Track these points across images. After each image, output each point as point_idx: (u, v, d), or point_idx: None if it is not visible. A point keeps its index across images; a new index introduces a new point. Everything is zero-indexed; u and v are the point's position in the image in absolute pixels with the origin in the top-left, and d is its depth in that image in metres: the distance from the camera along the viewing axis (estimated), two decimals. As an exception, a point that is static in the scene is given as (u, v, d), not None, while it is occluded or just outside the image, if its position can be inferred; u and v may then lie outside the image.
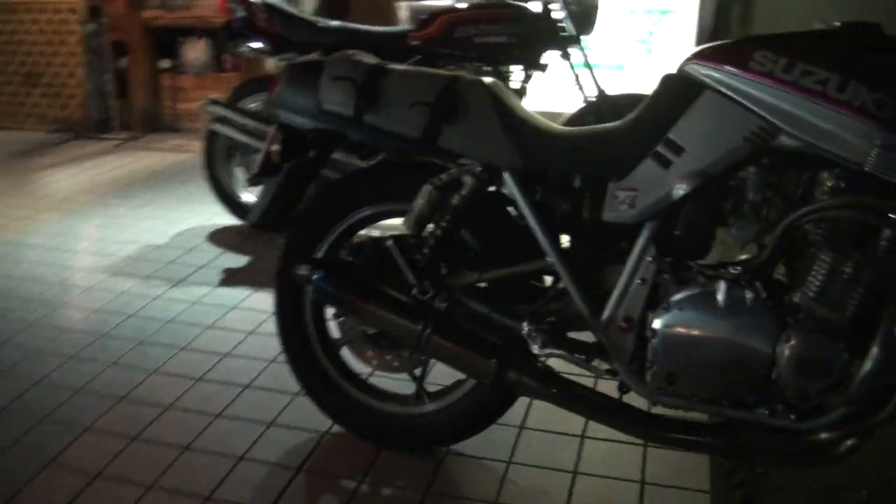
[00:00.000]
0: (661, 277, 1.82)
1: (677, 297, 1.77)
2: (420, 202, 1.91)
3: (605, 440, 2.21)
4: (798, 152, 1.68)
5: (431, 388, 2.17)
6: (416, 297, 1.94)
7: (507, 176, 1.88)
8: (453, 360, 1.94)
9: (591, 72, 3.67)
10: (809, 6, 4.78)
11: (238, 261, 3.56)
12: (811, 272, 1.67)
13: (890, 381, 1.63)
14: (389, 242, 1.95)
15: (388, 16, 6.96)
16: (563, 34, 3.65)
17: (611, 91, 3.69)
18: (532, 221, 1.87)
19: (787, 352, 1.67)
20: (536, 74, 3.74)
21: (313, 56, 1.96)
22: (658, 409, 1.87)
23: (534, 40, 3.62)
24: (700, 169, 1.73)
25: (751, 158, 1.72)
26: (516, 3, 3.66)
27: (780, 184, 1.75)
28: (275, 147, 2.00)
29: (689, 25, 4.76)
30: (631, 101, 3.77)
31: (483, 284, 2.00)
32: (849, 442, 1.74)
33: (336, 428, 2.27)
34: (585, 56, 3.68)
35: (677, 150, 1.75)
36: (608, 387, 1.92)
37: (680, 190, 1.75)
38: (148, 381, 2.54)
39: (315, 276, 1.98)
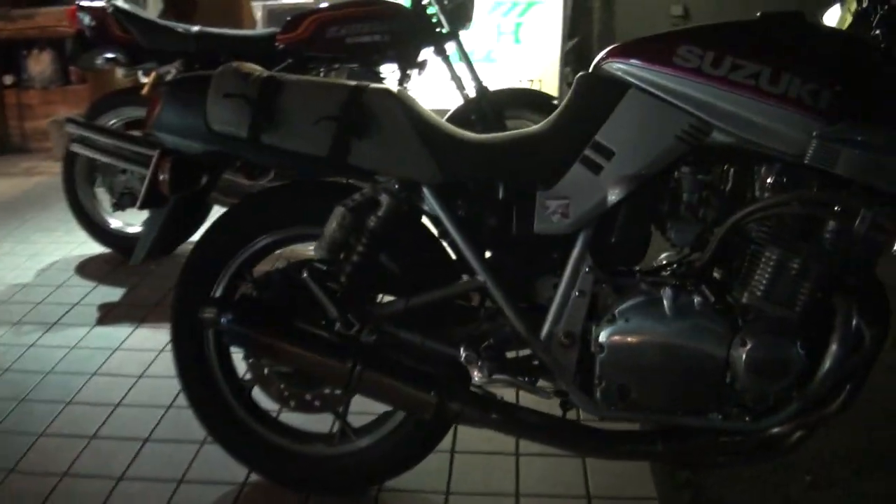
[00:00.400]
0: (599, 287, 1.74)
1: (622, 307, 1.69)
2: (332, 226, 1.75)
3: (541, 455, 2.13)
4: (732, 148, 1.63)
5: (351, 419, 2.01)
6: (339, 332, 1.78)
7: (426, 191, 1.75)
8: (388, 396, 1.79)
9: (471, 67, 3.57)
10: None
11: (113, 294, 3.26)
12: (757, 270, 1.63)
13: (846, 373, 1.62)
14: (304, 273, 1.77)
15: (236, 17, 6.65)
16: (439, 30, 3.53)
17: (490, 86, 3.60)
18: (458, 238, 1.75)
19: (743, 355, 1.62)
20: (414, 73, 3.60)
21: (199, 72, 1.76)
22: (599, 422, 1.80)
23: (409, 38, 3.47)
24: (633, 172, 1.66)
25: (684, 157, 1.66)
26: (387, 0, 3.51)
27: (715, 182, 1.71)
28: (163, 176, 1.78)
29: (556, 15, 4.75)
30: (513, 95, 3.76)
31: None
32: (799, 433, 1.72)
33: (254, 477, 2.07)
34: (464, 51, 3.58)
35: (607, 153, 1.67)
36: (549, 404, 1.82)
37: (614, 195, 1.67)
38: (36, 445, 2.25)
39: (224, 319, 1.78)
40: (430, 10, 3.51)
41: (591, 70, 1.76)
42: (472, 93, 3.58)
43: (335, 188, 1.88)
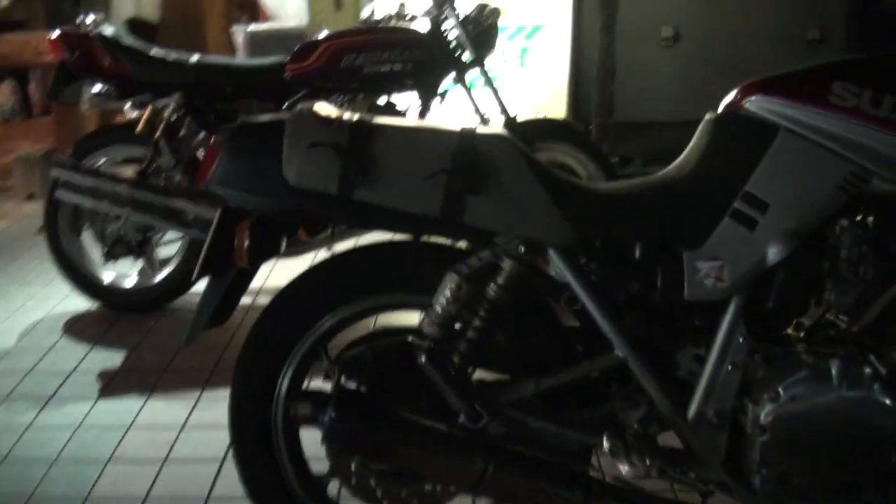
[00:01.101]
0: (753, 359, 1.50)
1: (786, 382, 1.45)
2: (445, 297, 1.48)
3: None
4: (892, 198, 1.42)
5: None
6: (463, 424, 1.50)
7: (553, 254, 1.48)
8: (524, 498, 1.51)
9: (498, 96, 3.33)
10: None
11: (113, 358, 2.88)
12: None
13: None
14: (421, 358, 1.48)
15: (201, 42, 6.31)
16: (462, 58, 3.28)
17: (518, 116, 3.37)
18: (592, 307, 1.48)
19: None
20: (434, 104, 3.34)
21: (270, 115, 1.50)
22: None
23: (430, 66, 3.20)
24: (793, 227, 1.43)
25: (843, 209, 1.45)
26: (406, 27, 3.24)
27: (875, 236, 1.49)
28: (244, 243, 1.48)
29: (563, 39, 4.55)
30: (541, 126, 3.52)
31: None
32: None
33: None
34: (489, 80, 3.33)
35: (761, 206, 1.44)
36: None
37: (774, 254, 1.43)
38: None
39: (325, 417, 1.48)
40: (450, 37, 3.26)
41: (724, 109, 1.54)
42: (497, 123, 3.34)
43: (431, 249, 1.62)
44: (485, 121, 3.36)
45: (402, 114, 3.25)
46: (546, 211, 1.45)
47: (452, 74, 3.29)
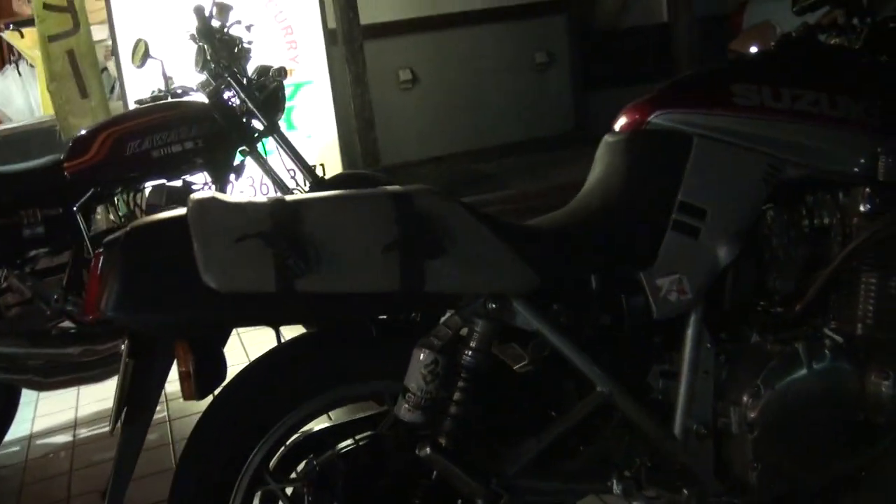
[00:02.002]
0: (721, 363, 1.51)
1: (762, 375, 1.47)
2: (422, 375, 1.33)
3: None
4: (804, 180, 1.52)
5: None
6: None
7: (517, 305, 1.39)
8: None
9: (299, 158, 3.17)
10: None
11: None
12: (861, 300, 1.52)
13: None
14: (426, 450, 1.31)
15: None
16: (252, 126, 3.08)
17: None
18: (568, 350, 1.41)
19: (886, 386, 1.48)
20: (231, 179, 3.09)
21: (160, 214, 1.22)
22: None
23: (221, 139, 2.97)
24: (734, 226, 1.47)
25: (768, 199, 1.52)
26: (187, 101, 2.98)
27: (797, 219, 1.58)
28: (189, 372, 1.22)
29: (326, 95, 4.47)
30: (353, 179, 3.39)
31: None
32: None
33: None
34: (288, 142, 3.16)
35: (699, 213, 1.47)
36: None
37: (725, 256, 1.46)
38: None
39: None
40: (234, 104, 3.04)
41: (627, 129, 1.56)
42: (302, 186, 3.17)
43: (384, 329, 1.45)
44: (286, 188, 3.18)
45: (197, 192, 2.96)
46: (507, 261, 1.35)
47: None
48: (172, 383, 1.30)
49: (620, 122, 1.59)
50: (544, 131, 6.02)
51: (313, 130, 4.37)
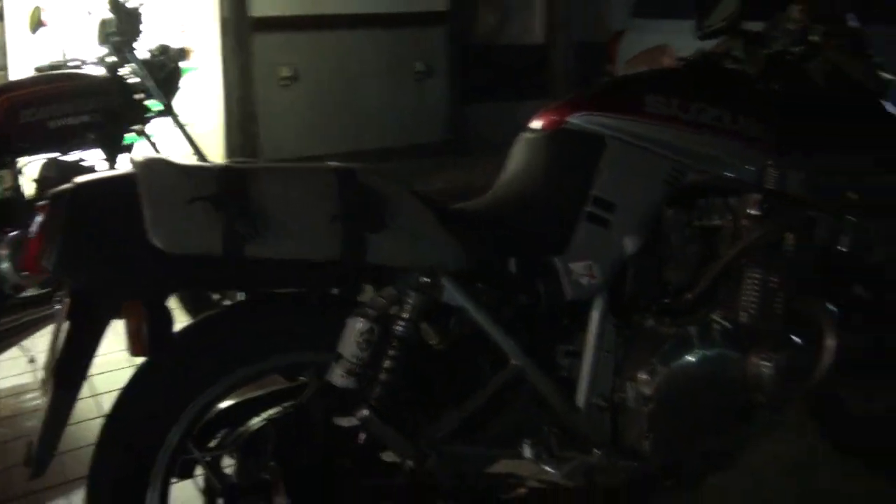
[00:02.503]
0: (622, 343, 1.68)
1: (658, 355, 1.65)
2: (356, 343, 1.41)
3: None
4: (702, 185, 1.72)
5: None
6: (410, 471, 1.42)
7: (446, 282, 1.50)
8: None
9: (191, 140, 3.14)
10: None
11: None
12: (745, 292, 1.73)
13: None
14: (363, 411, 1.38)
15: None
16: (146, 104, 3.02)
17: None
18: (487, 326, 1.53)
19: (765, 368, 1.70)
20: (122, 158, 3.02)
21: (108, 171, 1.19)
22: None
23: (118, 116, 2.91)
24: (639, 220, 1.66)
25: (667, 200, 1.70)
26: (87, 73, 2.90)
27: (693, 219, 1.77)
28: (142, 327, 1.24)
29: (215, 81, 4.41)
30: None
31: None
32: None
33: None
34: (181, 124, 3.12)
35: (609, 206, 1.64)
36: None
37: (631, 246, 1.64)
38: None
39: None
40: (129, 81, 2.98)
41: (546, 128, 1.71)
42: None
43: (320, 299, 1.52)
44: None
45: (92, 170, 2.89)
46: (440, 240, 1.46)
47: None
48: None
49: (539, 120, 1.73)
50: (421, 139, 6.16)
51: (195, 118, 4.29)
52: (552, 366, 1.65)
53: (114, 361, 2.01)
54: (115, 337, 1.34)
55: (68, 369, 1.31)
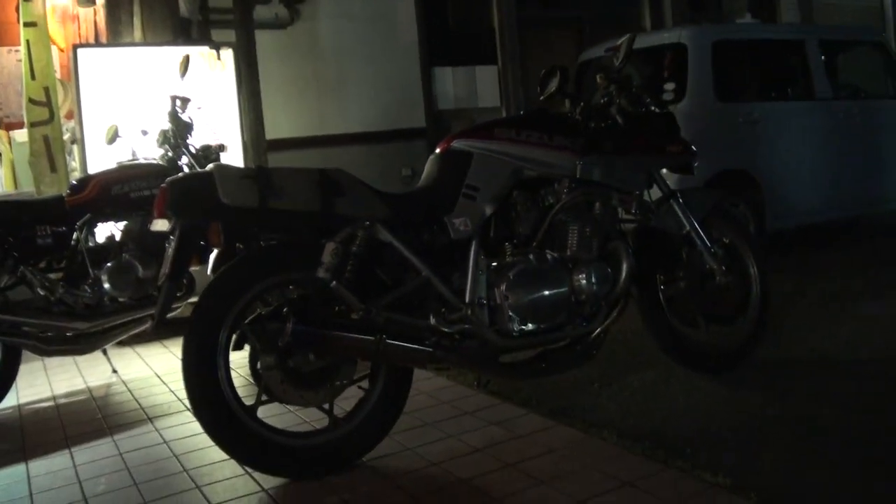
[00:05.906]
0: (489, 267, 2.83)
1: (512, 272, 2.80)
2: (330, 254, 2.58)
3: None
4: (535, 177, 2.94)
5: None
6: (363, 317, 2.58)
7: (381, 227, 2.69)
8: (404, 356, 2.65)
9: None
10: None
11: None
12: (570, 237, 2.91)
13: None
14: (333, 284, 2.55)
15: None
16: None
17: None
18: (406, 252, 2.71)
19: (583, 279, 2.85)
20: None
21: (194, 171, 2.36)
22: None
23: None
24: (492, 196, 2.85)
25: (512, 187, 2.91)
26: (152, 162, 4.20)
27: (530, 196, 2.97)
28: (221, 234, 2.47)
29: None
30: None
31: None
32: (602, 333, 2.98)
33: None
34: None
35: (475, 188, 2.84)
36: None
37: (488, 210, 2.83)
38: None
39: (291, 324, 2.48)
40: (185, 169, 4.27)
41: (442, 150, 2.94)
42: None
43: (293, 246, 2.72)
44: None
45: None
46: (377, 202, 2.67)
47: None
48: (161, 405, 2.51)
49: (438, 147, 2.96)
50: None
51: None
52: (449, 280, 2.80)
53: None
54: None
55: (175, 270, 2.51)
